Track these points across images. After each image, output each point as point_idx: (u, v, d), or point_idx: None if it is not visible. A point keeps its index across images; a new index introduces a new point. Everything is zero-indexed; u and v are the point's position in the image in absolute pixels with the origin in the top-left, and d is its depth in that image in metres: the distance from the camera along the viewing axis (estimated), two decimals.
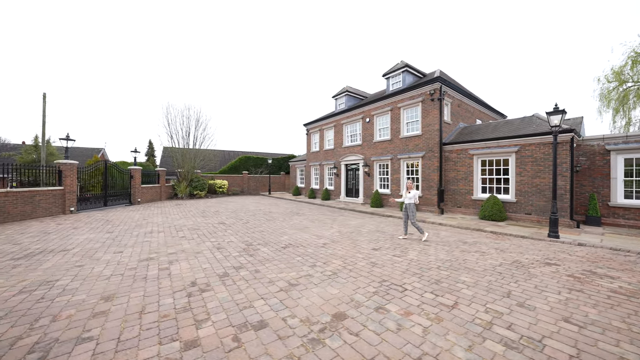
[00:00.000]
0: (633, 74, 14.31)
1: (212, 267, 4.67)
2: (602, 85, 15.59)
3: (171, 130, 17.38)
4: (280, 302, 3.35)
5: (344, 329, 2.74)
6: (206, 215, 11.18)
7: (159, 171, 16.86)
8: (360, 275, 4.33)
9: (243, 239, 6.94)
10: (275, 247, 6.14)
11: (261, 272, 4.43)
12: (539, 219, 9.19)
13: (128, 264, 4.83)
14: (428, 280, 4.09)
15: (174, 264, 4.83)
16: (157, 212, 11.67)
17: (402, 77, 14.75)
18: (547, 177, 9.05)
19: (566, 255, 5.59)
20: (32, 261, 4.89)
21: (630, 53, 14.22)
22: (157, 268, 4.61)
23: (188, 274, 4.32)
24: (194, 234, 7.50)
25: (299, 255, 5.48)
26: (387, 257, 5.34)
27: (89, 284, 3.87)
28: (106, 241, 6.50)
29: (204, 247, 6.09)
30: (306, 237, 7.23)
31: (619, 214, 8.67)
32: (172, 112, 17.64)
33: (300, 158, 24.82)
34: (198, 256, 5.35)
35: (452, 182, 11.86)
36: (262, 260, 5.08)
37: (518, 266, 4.79)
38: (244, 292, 3.66)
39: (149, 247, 5.98)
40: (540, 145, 9.20)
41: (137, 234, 7.42)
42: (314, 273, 4.41)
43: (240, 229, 8.31)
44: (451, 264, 4.94)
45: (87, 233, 7.35)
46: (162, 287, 3.78)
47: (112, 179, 13.08)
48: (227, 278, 4.17)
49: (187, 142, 18.09)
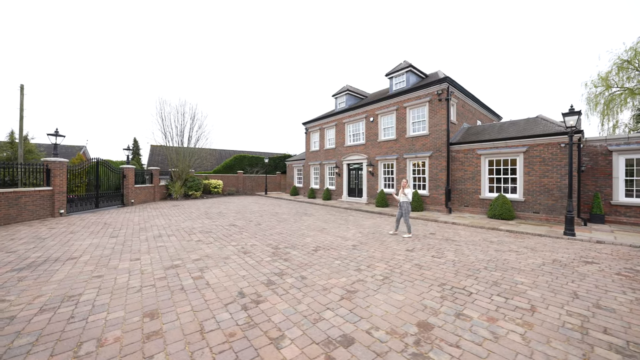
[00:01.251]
0: (618, 80, 15.25)
1: (251, 274, 4.30)
2: (589, 90, 16.52)
3: (165, 127, 16.40)
4: (351, 312, 3.07)
5: (439, 339, 2.52)
6: (211, 216, 10.59)
7: (152, 170, 15.84)
8: (414, 278, 4.14)
9: (265, 241, 6.55)
10: (304, 250, 5.82)
11: (308, 279, 4.12)
12: (547, 218, 9.48)
13: (154, 273, 4.34)
14: (486, 282, 3.97)
15: (207, 272, 4.40)
16: (156, 214, 10.90)
17: (405, 77, 14.80)
18: (554, 177, 9.35)
19: (595, 253, 5.71)
20: (38, 272, 4.27)
21: (615, 60, 15.15)
22: (189, 277, 4.17)
23: (228, 283, 3.93)
24: (209, 237, 7.00)
25: (335, 258, 5.21)
26: (427, 259, 5.19)
27: (120, 298, 3.39)
28: (115, 247, 5.88)
29: (228, 251, 5.65)
30: (330, 238, 6.96)
31: (621, 212, 9.12)
32: (167, 108, 16.63)
33: (298, 157, 24.41)
34: (228, 262, 4.93)
35: (459, 181, 12.02)
36: (301, 265, 4.76)
37: (561, 265, 4.80)
38: (303, 302, 3.35)
39: (167, 253, 5.46)
40: (549, 145, 9.50)
41: (145, 238, 6.81)
42: (365, 278, 4.16)
43: (255, 230, 7.88)
44: (495, 264, 4.87)
45: (88, 238, 6.64)
46: (209, 300, 3.38)
47: (106, 178, 12.08)
48: (275, 286, 3.83)
49: (181, 140, 17.17)
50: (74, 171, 10.72)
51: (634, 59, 14.64)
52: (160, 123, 16.25)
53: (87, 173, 11.17)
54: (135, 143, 32.35)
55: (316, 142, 20.61)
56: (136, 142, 32.45)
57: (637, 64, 14.64)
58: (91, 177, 11.36)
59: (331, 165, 18.87)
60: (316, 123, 20.43)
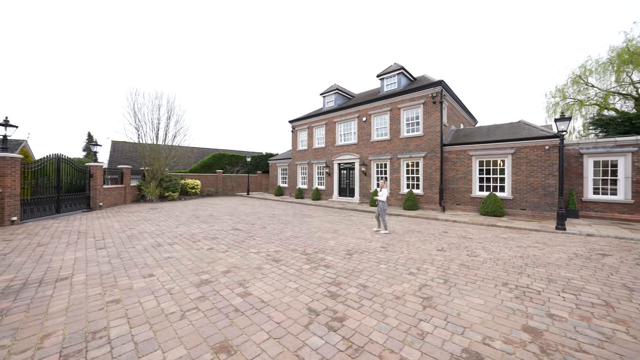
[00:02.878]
0: (572, 92, 17.53)
1: (303, 286, 3.82)
2: (549, 99, 18.75)
3: (138, 121, 14.45)
4: (448, 322, 2.84)
5: (560, 345, 2.41)
6: (204, 220, 9.55)
7: (123, 169, 13.82)
8: (473, 280, 4.06)
9: (287, 247, 6.02)
10: (337, 254, 5.45)
11: (370, 287, 3.79)
12: (533, 214, 10.40)
13: (185, 291, 3.61)
14: (541, 279, 4.06)
15: (250, 286, 3.80)
16: (138, 219, 9.48)
17: (397, 78, 15.16)
18: (539, 177, 10.30)
19: (597, 245, 6.33)
20: (24, 301, 3.27)
21: (570, 74, 17.41)
22: (233, 294, 3.55)
23: (287, 299, 3.42)
24: (219, 244, 6.22)
25: (376, 262, 4.94)
26: (465, 258, 5.21)
27: (166, 330, 2.70)
28: (111, 261, 4.85)
29: (255, 260, 5.04)
30: (352, 240, 6.68)
31: (590, 207, 10.39)
32: (140, 99, 14.67)
33: (282, 156, 23.61)
34: (265, 273, 4.35)
35: (451, 181, 12.63)
36: (348, 272, 4.40)
37: (586, 259, 5.18)
38: (388, 314, 3.02)
39: (184, 266, 4.66)
40: (534, 148, 10.43)
41: (142, 248, 5.78)
42: (426, 282, 3.97)
43: (266, 235, 7.25)
44: (529, 260, 5.06)
45: (68, 251, 5.41)
46: (281, 322, 2.87)
47: (68, 178, 10.14)
48: (342, 298, 3.43)
49: (156, 136, 15.33)
50: (34, 169, 8.76)
51: (584, 75, 16.97)
52: (132, 116, 14.28)
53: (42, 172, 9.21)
54: (90, 138, 28.35)
55: (304, 141, 20.10)
56: (90, 137, 28.46)
57: (586, 79, 17.00)
58: (51, 176, 9.45)
59: (320, 165, 18.56)
60: (304, 121, 19.93)
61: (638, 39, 14.21)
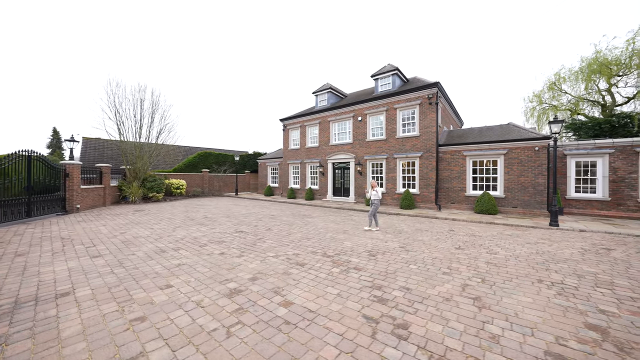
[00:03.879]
0: (547, 98, 18.89)
1: (345, 291, 3.59)
2: (526, 104, 20.06)
3: (118, 117, 13.19)
4: (513, 324, 2.77)
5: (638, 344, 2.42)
6: (201, 222, 8.92)
7: (102, 168, 12.53)
8: (509, 277, 4.08)
9: (305, 249, 5.74)
10: (360, 256, 5.28)
11: (414, 290, 3.65)
12: (524, 212, 10.98)
13: (217, 303, 3.23)
14: (570, 275, 4.18)
15: (287, 294, 3.50)
16: (126, 222, 8.61)
17: (391, 79, 15.35)
18: (530, 176, 10.90)
19: (596, 240, 6.75)
20: (24, 324, 2.72)
21: (546, 81, 18.74)
22: (273, 304, 3.23)
23: (335, 306, 3.17)
24: (229, 248, 5.79)
25: (404, 263, 4.84)
26: (487, 256, 5.27)
27: (215, 352, 2.36)
28: (115, 270, 4.27)
29: (278, 265, 4.71)
30: (368, 241, 6.54)
31: (573, 204, 11.19)
32: (121, 92, 13.42)
33: (272, 155, 23.01)
34: (296, 278, 4.06)
35: (446, 180, 13.00)
36: (383, 275, 4.24)
37: (595, 253, 5.46)
38: (448, 318, 2.89)
39: (201, 274, 4.23)
40: (525, 149, 11.01)
41: (143, 255, 5.19)
42: (465, 282, 3.91)
43: (275, 237, 6.90)
44: (547, 256, 5.23)
45: (57, 261, 4.70)
46: (340, 333, 2.62)
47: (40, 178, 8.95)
48: (393, 303, 3.25)
49: (139, 132, 14.14)
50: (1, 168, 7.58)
51: (558, 82, 18.36)
52: (112, 111, 13.00)
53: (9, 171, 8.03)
54: (55, 134, 25.67)
55: (296, 140, 19.72)
56: (56, 132, 25.77)
57: (560, 86, 18.41)
58: (20, 175, 8.28)
59: (314, 164, 18.30)
60: (296, 120, 19.54)
61: (605, 51, 15.66)
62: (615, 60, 15.44)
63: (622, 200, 10.29)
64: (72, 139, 10.59)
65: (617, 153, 10.38)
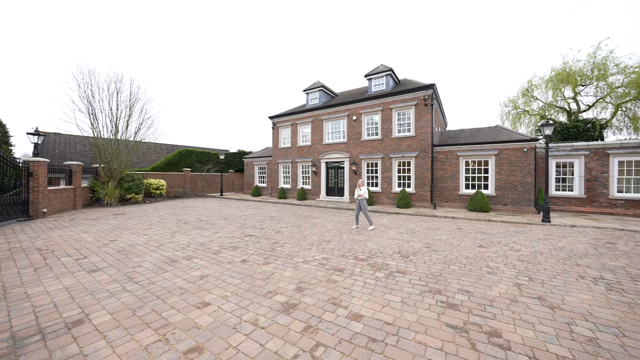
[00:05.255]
0: (521, 103, 20.50)
1: (408, 298, 3.35)
2: (502, 108, 21.58)
3: (91, 109, 11.56)
4: (590, 322, 2.73)
5: None
6: (198, 226, 8.12)
7: (72, 166, 10.87)
8: (552, 275, 4.14)
9: (330, 253, 5.40)
10: (394, 258, 5.08)
11: (475, 293, 3.52)
12: (513, 209, 11.68)
13: (278, 322, 2.80)
14: (602, 269, 4.37)
15: (348, 304, 3.16)
16: (110, 228, 7.51)
17: (385, 80, 15.50)
18: (519, 176, 11.61)
19: (595, 235, 7.29)
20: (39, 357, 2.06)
21: (520, 88, 20.31)
22: (340, 317, 2.88)
23: (410, 316, 2.91)
24: (249, 254, 5.25)
25: (444, 263, 4.73)
26: (514, 253, 5.37)
27: None
28: (128, 288, 3.58)
29: (314, 272, 4.33)
30: (389, 242, 6.38)
31: (553, 202, 12.15)
32: (93, 80, 11.77)
33: (259, 154, 22.11)
34: (345, 286, 3.73)
35: (440, 179, 13.41)
36: (430, 277, 4.07)
37: (606, 248, 5.84)
38: (530, 321, 2.78)
39: (236, 287, 3.71)
40: (514, 150, 11.72)
41: (152, 267, 4.48)
42: (517, 281, 3.88)
43: (291, 240, 6.46)
44: (566, 252, 5.48)
45: (47, 279, 3.84)
46: (443, 347, 2.36)
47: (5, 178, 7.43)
48: (466, 309, 3.07)
49: (115, 127, 12.57)
50: None
51: (530, 89, 20.01)
52: (85, 102, 11.34)
53: None
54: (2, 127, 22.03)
55: (287, 139, 19.11)
56: (2, 125, 22.11)
57: (532, 93, 20.07)
58: None
59: (306, 164, 17.88)
60: (287, 118, 18.94)
61: (572, 62, 17.38)
62: (579, 71, 17.19)
63: (596, 197, 11.39)
64: (37, 132, 9.01)
65: (591, 155, 11.46)
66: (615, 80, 16.32)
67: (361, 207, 8.11)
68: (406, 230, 7.88)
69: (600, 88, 16.87)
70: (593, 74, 16.63)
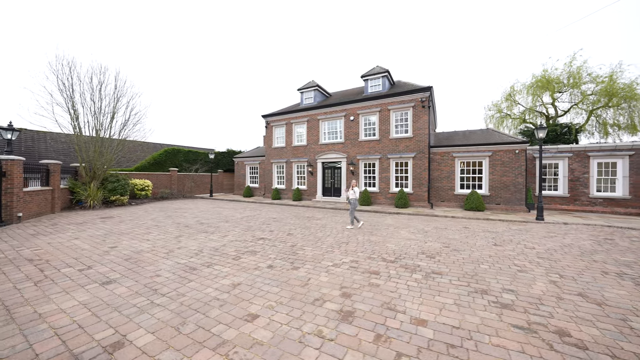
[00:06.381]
0: (504, 107, 21.68)
1: (457, 300, 3.31)
2: (487, 112, 22.71)
3: (73, 103, 10.47)
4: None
5: None
6: (201, 229, 7.64)
7: (50, 165, 9.76)
8: (577, 272, 4.31)
9: (356, 255, 5.27)
10: (421, 259, 5.06)
11: (517, 291, 3.56)
12: (506, 208, 12.26)
13: (343, 332, 2.62)
14: (619, 264, 4.63)
15: (406, 309, 3.05)
16: (102, 233, 6.81)
17: (381, 81, 15.67)
18: (511, 176, 12.22)
19: (592, 232, 7.79)
20: None
21: (504, 92, 21.48)
22: (405, 323, 2.76)
23: (472, 318, 2.86)
24: (271, 259, 4.99)
25: (473, 262, 4.78)
26: (532, 251, 5.57)
27: None
28: (156, 301, 3.21)
29: (349, 275, 4.19)
30: (407, 242, 6.38)
31: None
32: (74, 72, 10.68)
33: (251, 154, 21.48)
34: (390, 289, 3.63)
35: (436, 180, 13.78)
36: (469, 276, 4.07)
37: (606, 243, 6.24)
38: (589, 319, 2.82)
39: (277, 295, 3.47)
40: (507, 151, 12.31)
41: (172, 276, 4.09)
42: (551, 279, 3.99)
43: (306, 243, 6.26)
44: (576, 248, 5.77)
45: (55, 294, 3.35)
46: (525, 348, 2.31)
47: None
48: (522, 309, 3.08)
49: (98, 123, 11.53)
50: None
51: (513, 94, 21.24)
52: (65, 95, 10.24)
53: None
54: None
55: (281, 138, 18.71)
56: None
57: (514, 98, 21.32)
58: None
59: (301, 164, 17.61)
60: (281, 117, 18.55)
61: (551, 70, 18.68)
62: (556, 79, 18.51)
63: (578, 196, 12.27)
64: (11, 128, 7.97)
65: (574, 156, 12.34)
66: (587, 89, 17.77)
67: (352, 207, 8.37)
68: (416, 230, 7.94)
69: (575, 95, 18.28)
70: (569, 82, 17.98)
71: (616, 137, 17.73)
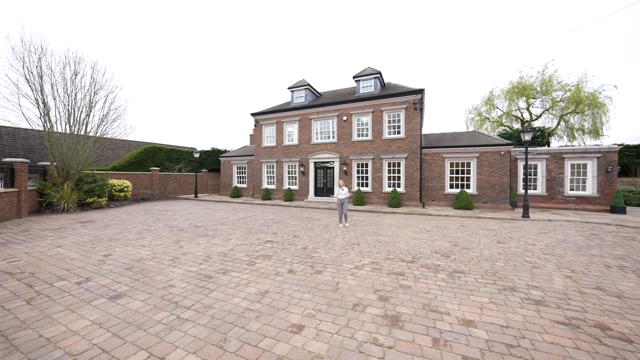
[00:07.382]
0: (484, 111, 22.98)
1: (492, 299, 3.35)
2: (468, 115, 23.94)
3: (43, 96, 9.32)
4: None
5: None
6: (200, 233, 7.18)
7: (15, 164, 8.57)
8: (586, 266, 4.59)
9: (373, 256, 5.22)
10: (439, 259, 5.12)
11: (544, 289, 3.69)
12: (492, 207, 12.95)
13: (420, 344, 2.51)
14: (625, 259, 5.01)
15: (452, 312, 3.03)
16: (86, 240, 6.12)
17: (373, 82, 15.85)
18: (497, 176, 12.92)
19: (576, 228, 8.42)
20: None
21: (483, 97, 22.77)
22: (457, 325, 2.73)
23: (516, 317, 2.90)
24: (289, 263, 4.79)
25: (489, 260, 4.92)
26: (535, 248, 5.87)
27: None
28: (180, 315, 2.89)
29: (378, 278, 4.12)
30: (418, 242, 6.46)
31: (521, 199, 13.81)
32: (44, 61, 9.53)
33: (239, 153, 20.74)
34: (425, 290, 3.60)
35: (427, 179, 14.22)
36: (490, 275, 4.17)
37: (597, 239, 6.75)
38: (629, 317, 2.98)
39: (312, 302, 3.30)
40: (493, 153, 12.99)
41: (189, 287, 3.75)
42: (567, 276, 4.20)
43: (317, 245, 6.11)
44: (572, 244, 6.19)
45: (58, 315, 2.90)
46: (576, 348, 2.36)
47: None
48: (555, 306, 3.18)
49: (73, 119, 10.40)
50: None
51: (492, 98, 22.58)
52: (34, 86, 9.07)
53: None
54: None
55: (271, 137, 18.26)
56: None
57: (492, 102, 22.67)
58: None
59: (293, 164, 17.32)
60: (272, 116, 18.10)
61: (526, 77, 20.13)
62: (531, 85, 19.96)
63: (554, 195, 13.29)
64: None
65: (551, 158, 13.34)
66: (557, 96, 19.37)
67: (342, 206, 8.61)
68: (419, 229, 8.09)
69: (546, 101, 19.84)
70: (542, 89, 19.47)
71: (581, 141, 19.53)
